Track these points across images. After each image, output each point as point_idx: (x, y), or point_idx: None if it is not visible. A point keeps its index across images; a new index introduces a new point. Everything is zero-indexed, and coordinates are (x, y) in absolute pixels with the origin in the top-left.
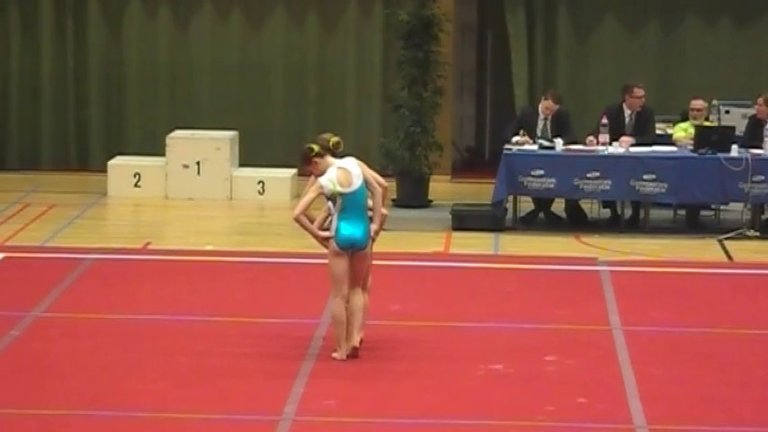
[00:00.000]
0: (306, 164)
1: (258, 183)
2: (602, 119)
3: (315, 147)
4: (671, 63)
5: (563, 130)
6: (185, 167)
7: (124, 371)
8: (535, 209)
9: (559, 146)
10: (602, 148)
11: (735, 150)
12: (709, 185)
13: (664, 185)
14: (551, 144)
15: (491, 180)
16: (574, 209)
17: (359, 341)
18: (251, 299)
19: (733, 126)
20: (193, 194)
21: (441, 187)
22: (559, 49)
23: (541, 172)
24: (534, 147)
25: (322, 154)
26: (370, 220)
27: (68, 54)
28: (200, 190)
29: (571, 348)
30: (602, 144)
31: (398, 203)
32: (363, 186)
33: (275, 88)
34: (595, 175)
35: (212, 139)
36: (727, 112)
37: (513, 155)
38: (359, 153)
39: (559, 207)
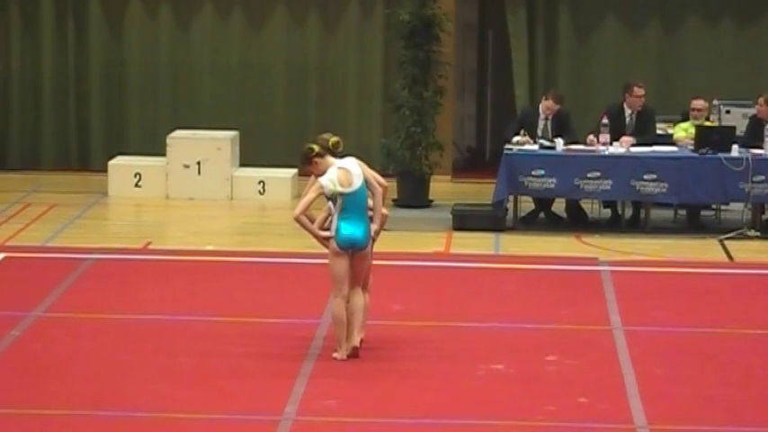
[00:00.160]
0: (306, 164)
1: (259, 183)
2: (603, 119)
3: (315, 147)
4: (672, 63)
5: (564, 130)
6: (186, 167)
7: (125, 371)
8: (536, 209)
9: (560, 146)
10: (602, 147)
11: (735, 150)
12: (710, 185)
13: (664, 185)
14: (552, 144)
15: (492, 180)
16: (574, 209)
17: (359, 341)
18: (252, 299)
19: (734, 126)
20: (194, 194)
21: (441, 187)
22: (560, 49)
23: (542, 172)
24: (535, 147)
25: (322, 154)
26: (371, 219)
27: (69, 54)
28: (201, 190)
29: (572, 348)
30: (603, 144)
31: (399, 203)
32: (364, 186)
33: (276, 88)
34: (596, 174)
35: (213, 138)
36: (728, 111)
37: (514, 155)
38: (360, 153)
39: (560, 207)
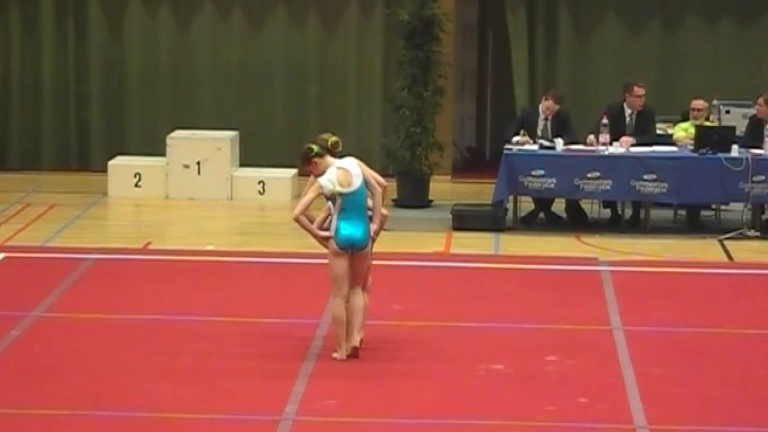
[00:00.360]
0: (305, 164)
1: (259, 183)
2: (603, 119)
3: (314, 147)
4: (672, 63)
5: (563, 130)
6: (186, 167)
7: (125, 371)
8: (535, 209)
9: (560, 146)
10: (602, 148)
11: (735, 150)
12: (710, 185)
13: (664, 185)
14: (552, 144)
15: (492, 180)
16: (574, 209)
17: (359, 341)
18: (252, 299)
19: (733, 126)
20: (194, 194)
21: (441, 187)
22: (560, 49)
23: (542, 172)
24: (535, 147)
25: (321, 154)
26: (370, 219)
27: (69, 54)
28: (201, 190)
29: (572, 348)
30: (603, 144)
31: (399, 203)
32: (363, 186)
33: (276, 88)
34: (596, 175)
35: (213, 139)
36: (728, 112)
37: (514, 155)
38: (360, 153)
39: (560, 207)
